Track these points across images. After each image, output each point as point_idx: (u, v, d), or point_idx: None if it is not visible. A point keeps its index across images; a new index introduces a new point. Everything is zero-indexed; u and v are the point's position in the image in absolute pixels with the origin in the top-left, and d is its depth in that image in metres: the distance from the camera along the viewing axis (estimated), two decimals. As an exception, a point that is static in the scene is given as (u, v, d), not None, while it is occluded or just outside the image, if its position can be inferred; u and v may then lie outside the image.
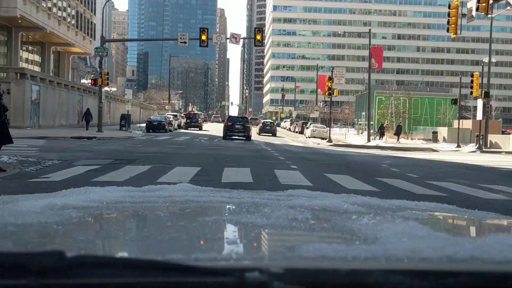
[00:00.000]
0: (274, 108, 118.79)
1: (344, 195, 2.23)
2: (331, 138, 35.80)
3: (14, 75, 31.46)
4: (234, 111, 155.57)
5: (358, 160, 19.81)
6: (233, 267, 0.92)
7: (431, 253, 1.05)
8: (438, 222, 1.92)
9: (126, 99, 41.73)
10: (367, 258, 1.01)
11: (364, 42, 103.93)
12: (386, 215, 1.61)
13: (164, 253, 1.10)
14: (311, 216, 1.56)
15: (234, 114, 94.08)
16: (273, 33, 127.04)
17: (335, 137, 38.44)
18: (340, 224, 1.48)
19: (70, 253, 0.88)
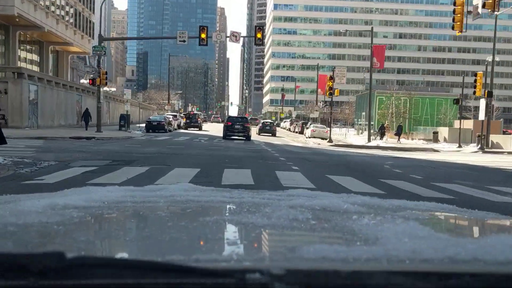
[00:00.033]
0: (274, 108, 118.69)
1: (344, 195, 2.22)
2: (331, 138, 35.60)
3: (12, 74, 31.06)
4: (234, 111, 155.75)
5: (360, 160, 19.60)
6: (233, 269, 0.92)
7: (433, 254, 1.04)
8: (438, 222, 1.91)
9: (125, 99, 41.46)
10: (368, 259, 1.00)
11: (365, 41, 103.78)
12: (386, 215, 1.60)
13: (165, 253, 1.09)
14: (312, 216, 1.55)
15: (234, 114, 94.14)
16: (273, 32, 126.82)
17: (335, 137, 38.23)
18: (340, 225, 1.48)
19: (70, 253, 0.88)
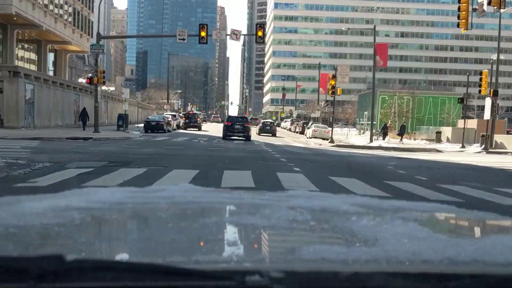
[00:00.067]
0: (274, 108, 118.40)
1: (344, 195, 2.21)
2: (333, 139, 35.17)
3: (7, 73, 30.50)
4: (234, 111, 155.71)
5: (363, 161, 19.21)
6: (233, 270, 0.93)
7: (432, 255, 1.05)
8: (438, 223, 1.89)
9: (124, 99, 40.98)
10: (368, 260, 1.00)
11: (366, 40, 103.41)
12: (386, 216, 1.58)
13: (165, 255, 1.09)
14: (311, 217, 1.54)
15: (233, 114, 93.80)
16: (274, 31, 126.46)
17: (337, 137, 37.78)
18: (340, 226, 1.46)
19: (69, 256, 0.88)
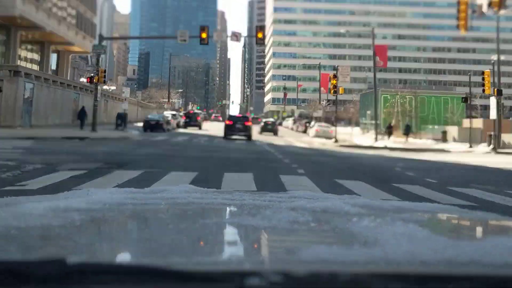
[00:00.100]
0: (275, 107, 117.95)
1: (346, 196, 2.24)
2: (337, 138, 34.53)
3: (8, 72, 30.14)
4: (235, 110, 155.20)
5: (369, 162, 18.65)
6: (233, 271, 0.94)
7: (431, 256, 1.05)
8: (438, 224, 1.87)
9: (123, 97, 40.42)
10: (367, 262, 1.01)
11: (364, 42, 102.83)
12: (386, 217, 1.57)
13: (166, 256, 1.08)
14: (312, 219, 1.55)
15: (234, 113, 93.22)
16: (274, 33, 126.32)
17: (340, 137, 37.20)
18: (340, 227, 1.47)
19: (71, 259, 0.89)
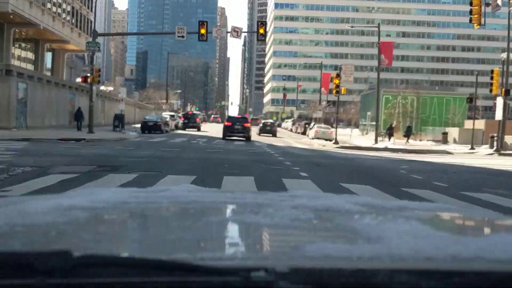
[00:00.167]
0: (275, 108, 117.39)
1: (347, 195, 2.29)
2: (337, 140, 33.98)
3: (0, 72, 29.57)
4: (234, 111, 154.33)
5: (372, 164, 18.07)
6: (238, 267, 0.93)
7: (435, 252, 1.05)
8: (440, 221, 1.86)
9: (120, 98, 39.78)
10: (371, 257, 1.01)
11: (368, 40, 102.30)
12: (388, 215, 1.59)
13: (170, 252, 1.08)
14: (314, 216, 1.55)
15: (234, 114, 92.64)
16: (275, 31, 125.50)
17: (340, 138, 36.67)
18: (343, 224, 1.47)
19: (76, 252, 0.88)
